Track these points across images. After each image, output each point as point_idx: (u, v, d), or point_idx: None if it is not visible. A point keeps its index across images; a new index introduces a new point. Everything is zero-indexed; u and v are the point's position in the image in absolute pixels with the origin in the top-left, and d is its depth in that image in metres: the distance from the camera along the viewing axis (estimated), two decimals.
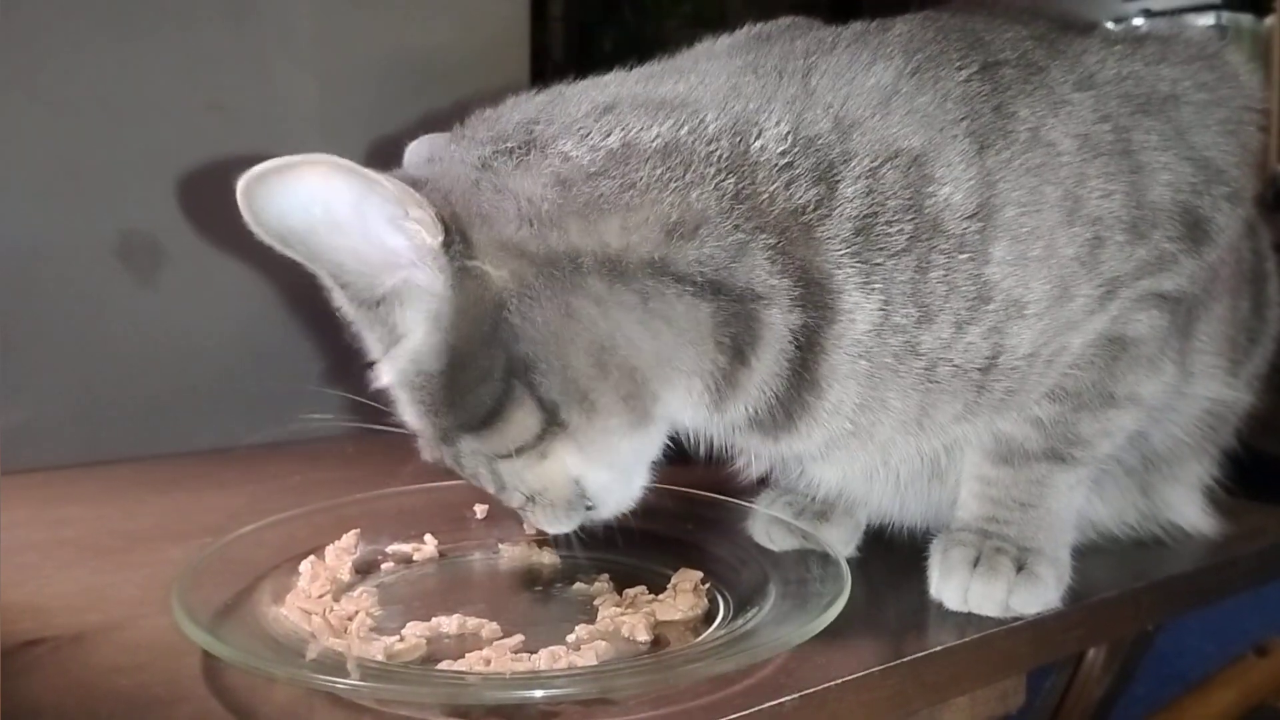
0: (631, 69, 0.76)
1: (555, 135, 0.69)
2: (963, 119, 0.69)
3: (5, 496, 0.94)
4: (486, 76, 1.61)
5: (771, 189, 0.67)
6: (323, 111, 1.47)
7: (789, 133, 0.68)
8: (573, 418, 0.68)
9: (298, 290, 0.74)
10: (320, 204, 0.62)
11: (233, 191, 0.62)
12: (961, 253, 0.68)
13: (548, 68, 3.24)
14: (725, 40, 0.80)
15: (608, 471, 0.72)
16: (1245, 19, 2.27)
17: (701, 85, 0.71)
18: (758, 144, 0.68)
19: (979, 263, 0.69)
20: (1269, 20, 2.28)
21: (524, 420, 0.67)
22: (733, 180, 0.67)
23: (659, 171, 0.67)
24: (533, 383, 0.66)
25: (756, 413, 0.71)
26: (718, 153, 0.67)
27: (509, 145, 0.69)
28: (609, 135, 0.68)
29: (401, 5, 1.55)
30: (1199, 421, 0.86)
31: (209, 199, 1.37)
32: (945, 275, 0.68)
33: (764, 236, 0.67)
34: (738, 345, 0.68)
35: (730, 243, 0.67)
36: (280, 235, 0.63)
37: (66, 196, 1.31)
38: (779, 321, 0.68)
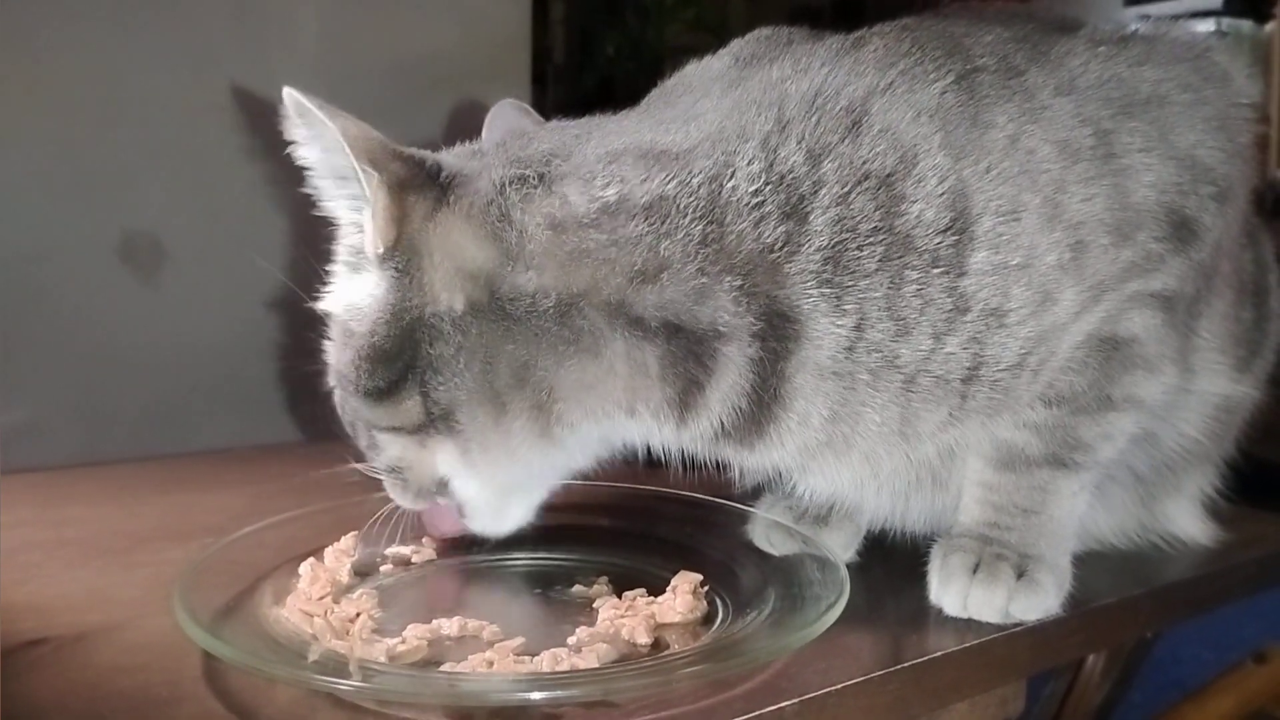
0: (652, 106, 0.78)
1: (565, 174, 0.70)
2: (936, 133, 0.69)
3: (7, 496, 0.94)
4: (488, 79, 1.61)
5: (740, 229, 0.68)
6: None
7: (761, 171, 0.68)
8: (472, 428, 0.71)
9: (301, 291, 0.75)
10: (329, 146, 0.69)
11: (235, 193, 0.64)
12: (935, 267, 0.68)
13: (549, 71, 3.25)
14: (714, 67, 0.80)
15: (482, 487, 0.75)
16: (1245, 25, 2.27)
17: (697, 130, 0.71)
18: (730, 185, 0.68)
19: (953, 275, 0.69)
20: (1269, 26, 2.28)
21: (410, 410, 0.71)
22: (700, 226, 0.68)
23: (641, 229, 0.68)
24: (430, 385, 0.69)
25: (723, 425, 0.71)
26: (695, 203, 0.68)
27: (526, 173, 0.70)
28: (608, 186, 0.69)
29: (404, 8, 1.55)
30: (1210, 420, 0.86)
31: (211, 199, 1.37)
32: (919, 290, 0.68)
33: (729, 278, 0.67)
34: (691, 376, 0.69)
35: (692, 287, 0.67)
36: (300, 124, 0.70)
37: (68, 197, 1.31)
38: (736, 355, 0.69)
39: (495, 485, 0.76)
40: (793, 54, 0.75)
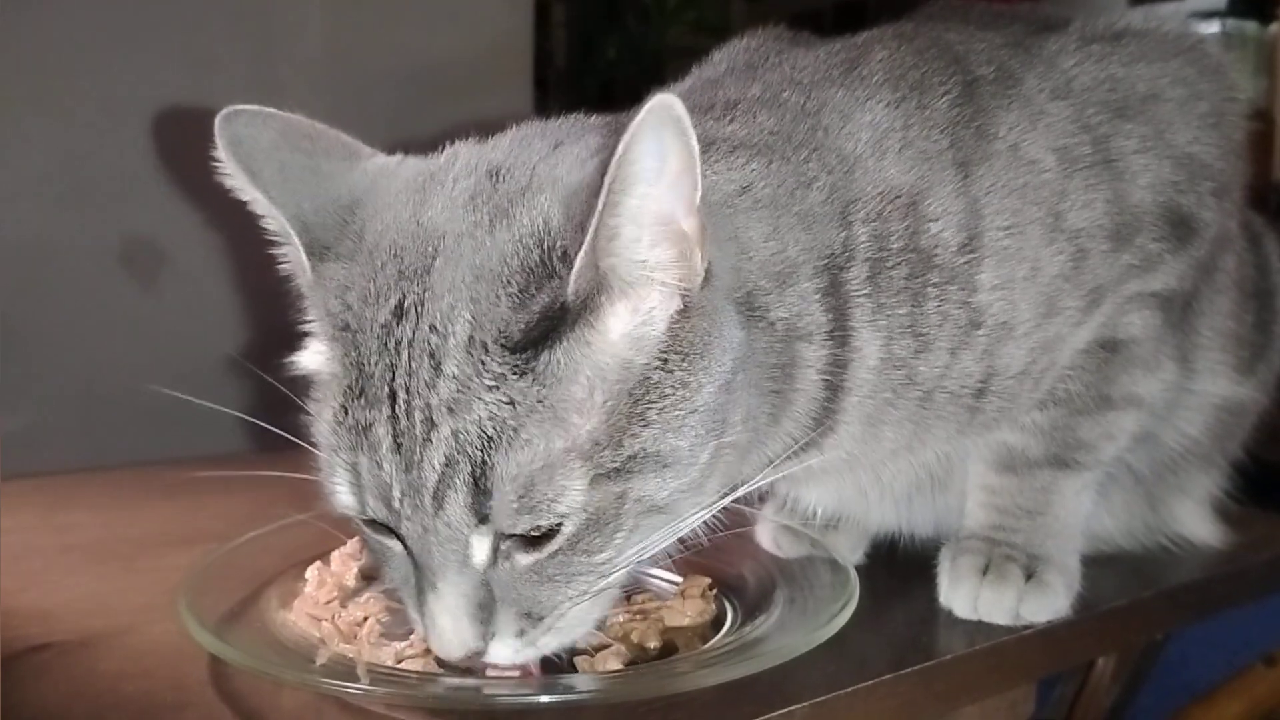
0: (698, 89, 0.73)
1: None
2: (949, 148, 0.69)
3: (10, 501, 0.94)
4: (490, 83, 1.62)
5: (820, 236, 0.66)
6: (328, 118, 1.47)
7: (825, 183, 0.67)
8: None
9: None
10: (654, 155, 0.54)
11: (235, 199, 0.63)
12: (952, 284, 0.68)
13: (550, 75, 3.25)
14: (718, 69, 0.78)
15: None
16: (1250, 26, 2.27)
17: (761, 127, 0.68)
18: (811, 195, 0.66)
19: (968, 291, 0.69)
20: (1273, 27, 2.28)
21: (700, 463, 0.59)
22: (801, 229, 0.65)
23: (774, 223, 0.65)
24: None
25: (773, 458, 0.69)
26: (796, 205, 0.65)
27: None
28: (733, 172, 0.65)
29: (406, 13, 1.55)
30: (1211, 421, 0.86)
31: (212, 200, 1.37)
32: (939, 306, 0.68)
33: (817, 281, 0.65)
34: (778, 396, 0.65)
35: (802, 289, 0.65)
36: None
37: (70, 201, 1.31)
38: (812, 368, 0.66)
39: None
40: (805, 59, 0.73)
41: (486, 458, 0.54)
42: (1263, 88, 2.18)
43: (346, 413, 0.58)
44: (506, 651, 0.59)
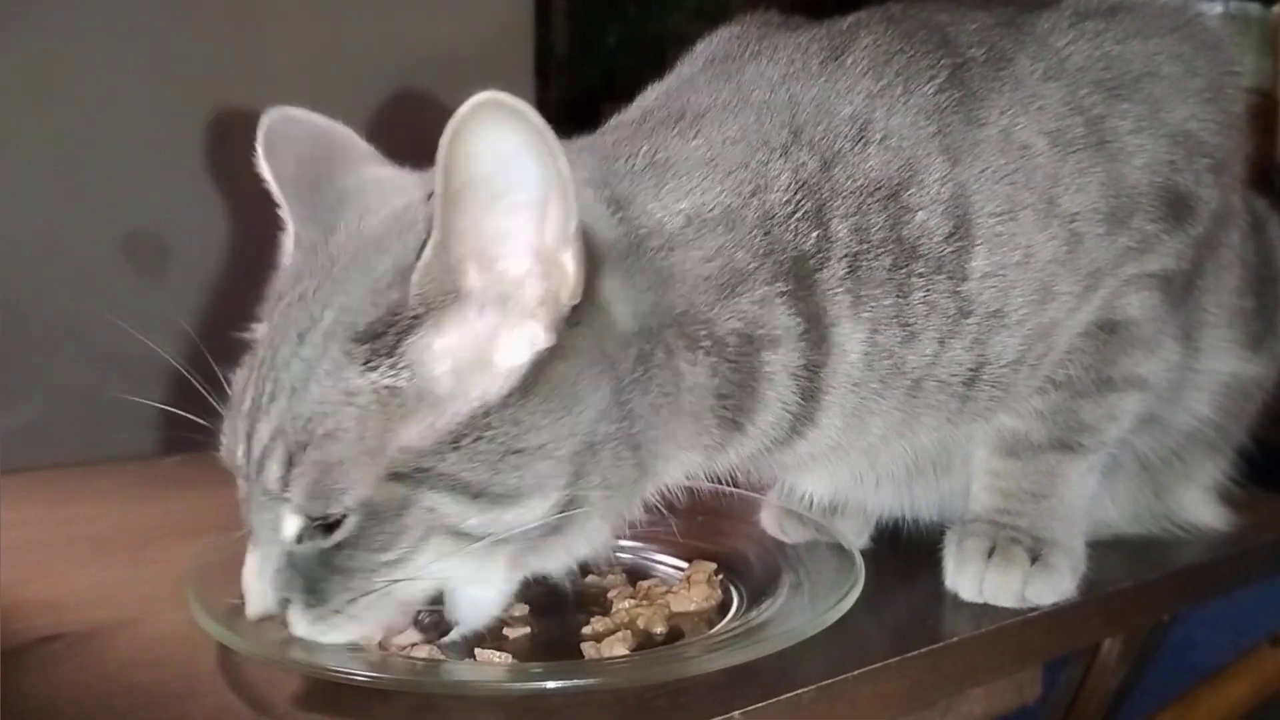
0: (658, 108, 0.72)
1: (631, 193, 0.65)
2: (935, 135, 0.68)
3: (16, 494, 0.94)
4: (490, 72, 1.61)
5: (784, 238, 0.65)
6: (326, 108, 1.47)
7: (790, 182, 0.66)
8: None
9: None
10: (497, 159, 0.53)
11: (238, 189, 0.64)
12: (939, 274, 0.68)
13: (551, 64, 3.24)
14: (696, 64, 0.77)
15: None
16: (1253, 7, 2.26)
17: (719, 136, 0.67)
18: (772, 197, 0.66)
19: (957, 280, 0.68)
20: (1276, 8, 2.27)
21: (536, 507, 0.59)
22: (760, 235, 0.65)
23: (719, 240, 0.64)
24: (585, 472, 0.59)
25: (753, 454, 0.70)
26: (753, 212, 0.65)
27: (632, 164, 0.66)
28: (680, 198, 0.64)
29: (406, 3, 1.55)
30: (1220, 400, 0.85)
31: (213, 198, 1.37)
32: (925, 296, 0.68)
33: (779, 285, 0.65)
34: (738, 411, 0.66)
35: (759, 295, 0.64)
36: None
37: (72, 194, 1.32)
38: (782, 373, 0.66)
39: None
40: (784, 51, 0.72)
41: (300, 439, 0.57)
42: (1266, 69, 2.16)
43: (240, 374, 0.63)
44: (302, 625, 0.61)
